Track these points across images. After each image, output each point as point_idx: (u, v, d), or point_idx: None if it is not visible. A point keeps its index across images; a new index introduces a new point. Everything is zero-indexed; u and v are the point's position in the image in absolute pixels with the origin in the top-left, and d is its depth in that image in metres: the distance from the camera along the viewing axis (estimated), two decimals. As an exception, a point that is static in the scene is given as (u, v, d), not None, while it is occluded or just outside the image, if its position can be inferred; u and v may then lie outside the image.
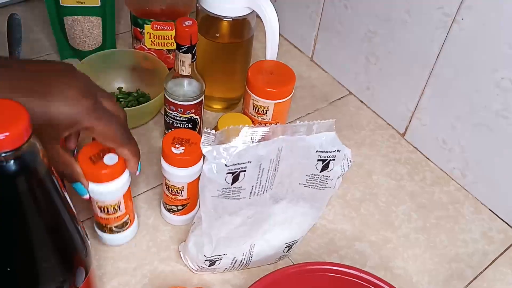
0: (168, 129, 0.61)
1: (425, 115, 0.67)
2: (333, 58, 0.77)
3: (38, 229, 0.35)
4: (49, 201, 0.35)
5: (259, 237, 0.50)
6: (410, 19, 0.63)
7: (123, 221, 0.51)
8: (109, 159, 0.46)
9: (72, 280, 0.39)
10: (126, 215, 0.50)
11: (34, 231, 0.34)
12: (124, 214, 0.50)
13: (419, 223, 0.61)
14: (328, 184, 0.47)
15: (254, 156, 0.41)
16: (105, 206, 0.48)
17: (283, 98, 0.60)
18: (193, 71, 0.56)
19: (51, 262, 0.37)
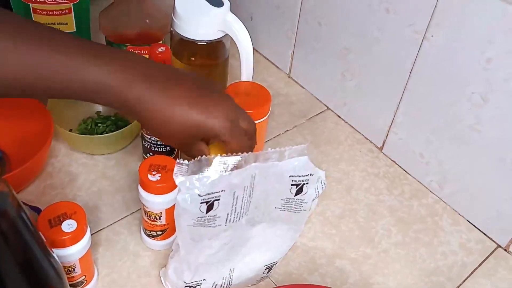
0: (146, 153, 0.61)
1: (401, 129, 0.68)
2: (310, 74, 0.78)
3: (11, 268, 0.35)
4: (20, 240, 0.35)
5: (238, 261, 0.50)
6: (382, 36, 0.64)
7: (78, 281, 0.50)
8: (67, 225, 0.46)
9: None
10: (82, 276, 0.50)
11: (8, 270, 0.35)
12: (79, 275, 0.49)
13: (399, 237, 0.62)
14: (303, 207, 0.47)
15: (228, 184, 0.42)
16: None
17: (259, 118, 0.60)
18: None
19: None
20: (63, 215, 0.46)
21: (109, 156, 0.66)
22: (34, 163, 0.57)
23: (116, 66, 0.43)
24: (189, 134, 0.46)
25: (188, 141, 0.47)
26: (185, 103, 0.45)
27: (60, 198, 0.60)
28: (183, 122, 0.45)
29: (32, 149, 0.57)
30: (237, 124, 0.47)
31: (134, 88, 0.43)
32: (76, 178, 0.63)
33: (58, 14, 0.67)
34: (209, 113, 0.45)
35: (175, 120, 0.45)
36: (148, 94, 0.44)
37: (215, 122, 0.45)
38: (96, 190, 0.62)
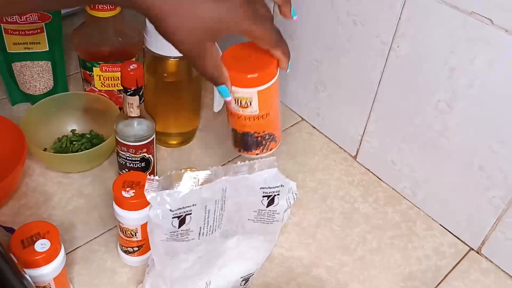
0: (122, 170, 0.61)
1: (373, 138, 0.69)
2: (284, 86, 0.79)
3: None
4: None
5: (214, 274, 0.51)
6: (351, 47, 0.66)
7: None
8: (40, 245, 0.45)
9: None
10: None
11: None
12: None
13: (374, 244, 0.63)
14: (276, 217, 0.48)
15: (199, 199, 0.42)
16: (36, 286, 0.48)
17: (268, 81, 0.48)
18: (142, 111, 0.57)
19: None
20: (36, 235, 0.46)
21: (85, 174, 0.66)
22: (7, 184, 0.57)
23: None
24: (207, 28, 0.39)
25: (204, 44, 0.41)
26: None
27: (35, 218, 0.60)
28: (202, 16, 0.39)
29: (5, 169, 0.57)
30: (256, 9, 0.41)
31: None
32: (52, 197, 0.63)
33: (30, 33, 0.67)
34: (225, 1, 0.39)
35: (197, 14, 0.38)
36: None
37: (233, 8, 0.39)
38: (72, 208, 0.62)
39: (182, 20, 0.39)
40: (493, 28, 0.51)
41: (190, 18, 0.39)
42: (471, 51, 0.54)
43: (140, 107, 0.56)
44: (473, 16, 0.52)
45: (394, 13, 0.59)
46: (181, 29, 0.40)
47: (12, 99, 0.73)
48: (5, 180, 0.55)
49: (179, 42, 0.42)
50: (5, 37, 0.67)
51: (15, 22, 0.66)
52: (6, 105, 0.74)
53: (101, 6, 0.61)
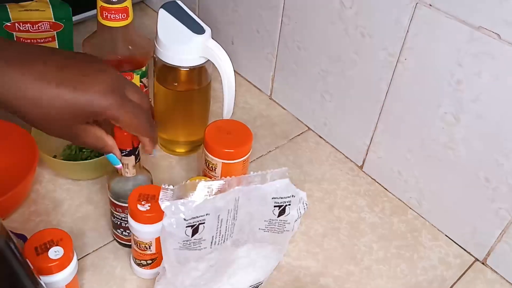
0: (116, 229, 0.58)
1: (379, 148, 0.70)
2: (291, 96, 0.80)
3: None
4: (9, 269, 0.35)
5: (224, 282, 0.51)
6: (358, 59, 0.67)
7: None
8: (54, 252, 0.46)
9: None
10: None
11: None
12: None
13: (380, 254, 0.63)
14: (286, 227, 0.49)
15: (212, 208, 0.43)
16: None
17: (241, 157, 0.59)
18: (138, 169, 0.53)
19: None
20: (50, 242, 0.47)
21: (94, 181, 0.66)
22: (19, 191, 0.57)
23: None
24: (65, 117, 0.40)
25: (71, 127, 0.41)
26: (52, 81, 0.38)
27: (44, 225, 0.61)
28: (52, 105, 0.38)
29: (17, 176, 0.57)
30: (124, 96, 0.41)
31: None
32: (61, 204, 0.63)
33: (42, 42, 0.68)
34: (84, 89, 0.39)
35: (44, 104, 0.38)
36: (6, 74, 0.37)
37: (93, 98, 0.39)
38: (81, 216, 0.62)
39: (43, 112, 0.39)
40: (500, 42, 0.52)
41: (52, 109, 0.39)
42: (478, 65, 0.55)
43: (136, 166, 0.52)
44: (480, 30, 0.53)
45: (401, 26, 0.60)
46: (45, 120, 0.40)
47: (21, 106, 0.74)
48: (17, 188, 0.56)
49: (48, 130, 0.43)
50: (17, 45, 0.67)
51: (27, 31, 0.67)
52: (15, 112, 0.74)
53: (113, 16, 0.62)
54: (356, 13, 0.64)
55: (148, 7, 0.99)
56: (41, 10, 0.66)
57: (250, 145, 0.60)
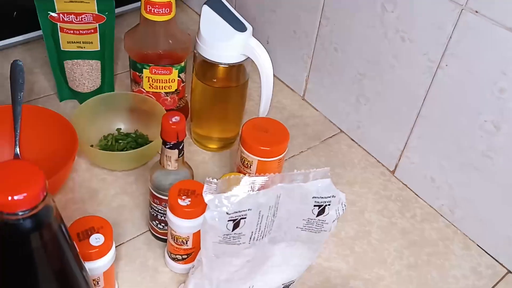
0: (152, 221, 0.58)
1: (413, 154, 0.70)
2: (324, 97, 0.80)
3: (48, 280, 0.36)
4: (60, 253, 0.36)
5: (258, 279, 0.52)
6: (397, 63, 0.66)
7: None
8: (95, 239, 0.47)
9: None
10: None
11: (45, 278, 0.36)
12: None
13: (411, 260, 0.63)
14: (324, 227, 0.49)
15: (254, 203, 0.43)
16: None
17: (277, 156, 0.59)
18: (180, 163, 0.54)
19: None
20: (91, 229, 0.47)
21: (129, 172, 0.67)
22: (58, 178, 0.58)
23: None
24: None
25: None
26: None
27: (80, 213, 0.62)
28: None
29: (57, 164, 0.58)
30: None
31: None
32: (97, 193, 0.64)
33: (84, 33, 0.69)
34: None
35: None
36: None
37: None
38: (116, 206, 0.63)
39: None
40: (549, 52, 0.51)
41: None
42: (524, 74, 0.54)
43: (179, 160, 0.53)
44: (528, 39, 0.52)
45: (444, 32, 0.59)
46: None
47: (60, 96, 0.76)
48: (56, 175, 0.57)
49: None
50: (60, 35, 0.69)
51: (71, 22, 0.68)
52: (54, 101, 0.76)
53: (156, 10, 0.63)
54: (398, 17, 0.64)
55: (185, 4, 1.00)
56: (85, 2, 0.67)
57: (287, 144, 0.60)
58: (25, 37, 0.81)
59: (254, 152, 0.58)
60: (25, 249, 0.33)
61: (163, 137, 0.51)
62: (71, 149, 0.60)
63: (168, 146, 0.51)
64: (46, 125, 0.63)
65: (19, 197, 0.31)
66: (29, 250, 0.34)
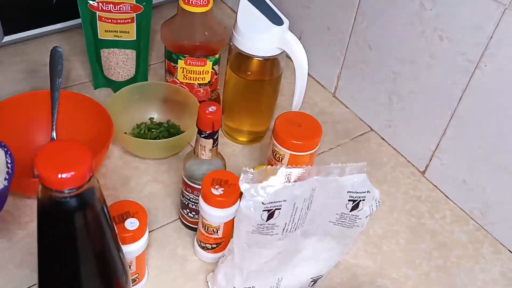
0: (183, 209, 0.59)
1: (445, 155, 0.69)
2: (356, 95, 0.80)
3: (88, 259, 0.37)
4: (101, 233, 0.37)
5: (287, 271, 0.52)
6: (434, 62, 0.66)
7: (132, 278, 0.52)
8: (130, 223, 0.48)
9: (112, 308, 0.41)
10: (135, 274, 0.52)
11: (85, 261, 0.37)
12: (133, 273, 0.51)
13: (439, 261, 0.62)
14: (357, 223, 0.48)
15: (290, 195, 0.43)
16: None
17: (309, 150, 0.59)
18: (214, 153, 0.54)
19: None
20: (127, 214, 0.48)
21: (161, 161, 0.68)
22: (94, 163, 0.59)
23: None
24: None
25: None
26: None
27: (112, 199, 0.62)
28: None
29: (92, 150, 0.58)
30: None
31: None
32: (128, 180, 0.65)
33: (122, 22, 0.70)
34: None
35: None
36: None
37: None
38: (147, 194, 0.64)
39: None
40: None
41: None
42: None
43: (213, 150, 0.53)
44: None
45: (485, 31, 0.58)
46: None
47: (95, 83, 0.77)
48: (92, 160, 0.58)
49: None
50: (98, 24, 0.70)
51: (109, 11, 0.69)
52: (88, 88, 0.77)
53: (194, 1, 0.63)
54: (437, 16, 0.63)
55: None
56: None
57: (319, 139, 0.60)
58: (63, 25, 0.83)
59: (286, 146, 0.58)
60: (69, 227, 0.34)
61: (199, 126, 0.52)
62: (106, 135, 0.61)
63: (203, 135, 0.52)
64: (83, 111, 0.64)
65: (67, 175, 0.31)
66: (73, 228, 0.34)
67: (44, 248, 0.36)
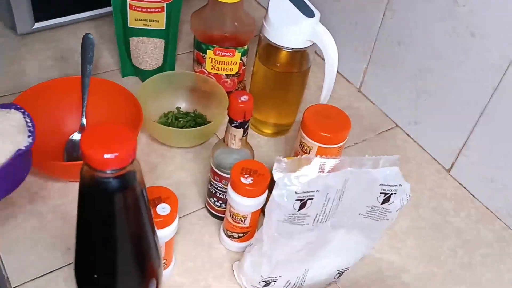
0: (210, 198, 0.59)
1: (473, 153, 0.68)
2: (382, 91, 0.79)
3: (125, 241, 0.37)
4: (139, 216, 0.37)
5: (314, 263, 0.52)
6: (465, 59, 0.65)
7: None
8: (161, 209, 0.48)
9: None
10: (164, 259, 0.52)
11: (122, 242, 0.37)
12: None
13: (465, 259, 0.62)
14: (387, 216, 0.48)
15: (323, 185, 0.43)
16: None
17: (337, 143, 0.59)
18: (244, 143, 0.55)
19: (131, 271, 0.39)
20: (158, 199, 0.49)
21: (187, 150, 0.68)
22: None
23: None
24: None
25: None
26: None
27: (139, 185, 0.63)
28: None
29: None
30: None
31: None
32: (155, 167, 0.66)
33: (152, 11, 0.71)
34: None
35: None
36: None
37: None
38: (174, 181, 0.65)
39: None
40: None
41: None
42: None
43: (243, 140, 0.54)
44: None
45: (520, 28, 0.58)
46: None
47: (122, 72, 0.77)
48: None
49: None
50: (129, 12, 0.70)
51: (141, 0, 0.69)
52: (116, 76, 0.78)
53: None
54: (470, 11, 0.62)
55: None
56: (155, -19, 0.69)
57: (348, 132, 0.60)
58: (93, 13, 0.83)
59: (315, 138, 0.58)
60: (109, 208, 0.35)
61: (230, 115, 0.52)
62: (135, 122, 0.61)
63: (234, 124, 0.52)
64: (112, 97, 0.65)
65: (111, 155, 0.32)
66: (113, 209, 0.35)
67: (83, 227, 0.37)
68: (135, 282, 0.40)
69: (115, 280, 0.39)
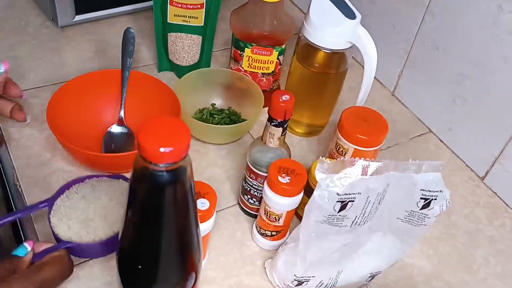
0: (243, 195, 0.60)
1: (509, 162, 0.67)
2: (416, 95, 0.79)
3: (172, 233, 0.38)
4: (186, 210, 0.38)
5: (348, 265, 0.52)
6: (506, 66, 0.64)
7: None
8: (200, 204, 0.48)
9: (183, 285, 0.42)
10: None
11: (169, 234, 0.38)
12: None
13: (498, 269, 0.61)
14: (425, 222, 0.48)
15: (364, 188, 0.43)
16: None
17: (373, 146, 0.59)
18: (281, 142, 0.55)
19: (174, 264, 0.40)
20: (198, 194, 0.49)
21: (220, 146, 0.69)
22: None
23: None
24: None
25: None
26: None
27: (174, 179, 0.64)
28: None
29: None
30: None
31: None
32: (189, 162, 0.67)
33: (191, 8, 0.71)
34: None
35: None
36: None
37: None
38: (207, 177, 0.65)
39: None
40: None
41: None
42: None
43: (281, 139, 0.54)
44: None
45: None
46: None
47: (159, 66, 0.78)
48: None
49: None
50: (169, 8, 0.71)
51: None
52: (152, 71, 0.79)
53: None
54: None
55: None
56: (196, -22, 0.69)
57: (385, 135, 0.60)
58: (132, 8, 0.85)
59: (351, 140, 0.58)
60: (159, 200, 0.35)
61: (270, 114, 0.52)
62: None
63: (273, 123, 0.53)
64: (151, 91, 0.66)
65: (167, 149, 0.32)
66: (162, 201, 0.35)
67: (131, 218, 0.37)
68: (176, 274, 0.41)
69: (158, 272, 0.39)
